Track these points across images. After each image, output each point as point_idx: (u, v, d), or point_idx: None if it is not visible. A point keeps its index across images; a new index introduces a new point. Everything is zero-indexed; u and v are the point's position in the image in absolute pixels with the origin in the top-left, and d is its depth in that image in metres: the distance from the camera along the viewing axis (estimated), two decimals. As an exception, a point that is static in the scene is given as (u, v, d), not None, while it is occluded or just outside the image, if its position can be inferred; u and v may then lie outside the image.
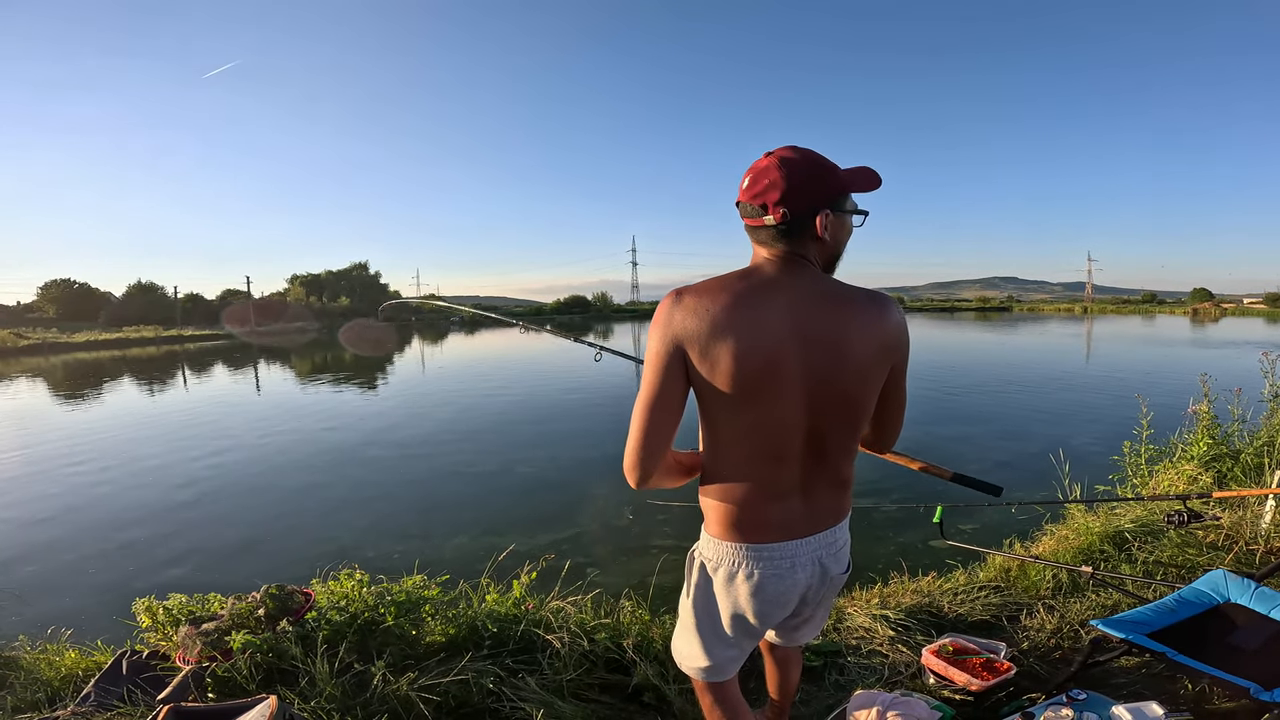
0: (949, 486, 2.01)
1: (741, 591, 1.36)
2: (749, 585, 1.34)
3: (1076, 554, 3.43)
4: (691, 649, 1.49)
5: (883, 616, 2.80)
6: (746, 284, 1.23)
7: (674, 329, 1.20)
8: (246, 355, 32.52)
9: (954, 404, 12.23)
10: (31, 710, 2.10)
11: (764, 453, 1.28)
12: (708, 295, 1.21)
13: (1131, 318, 61.02)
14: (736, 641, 1.46)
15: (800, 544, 1.35)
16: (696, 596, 1.45)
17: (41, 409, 15.05)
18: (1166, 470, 4.39)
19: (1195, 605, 2.40)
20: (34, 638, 2.68)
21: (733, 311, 1.19)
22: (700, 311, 1.19)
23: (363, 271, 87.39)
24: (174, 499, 7.28)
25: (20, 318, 67.31)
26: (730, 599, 1.39)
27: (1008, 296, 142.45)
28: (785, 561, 1.34)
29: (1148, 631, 2.25)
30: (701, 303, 1.20)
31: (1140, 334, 35.35)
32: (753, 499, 1.31)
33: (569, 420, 11.56)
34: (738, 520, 1.33)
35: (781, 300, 1.22)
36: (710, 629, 1.45)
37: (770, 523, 1.33)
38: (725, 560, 1.36)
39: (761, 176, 1.25)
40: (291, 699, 2.02)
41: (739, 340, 1.18)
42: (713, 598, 1.41)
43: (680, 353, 1.20)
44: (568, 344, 2.67)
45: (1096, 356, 22.56)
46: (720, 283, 1.23)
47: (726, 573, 1.36)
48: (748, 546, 1.33)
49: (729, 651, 1.48)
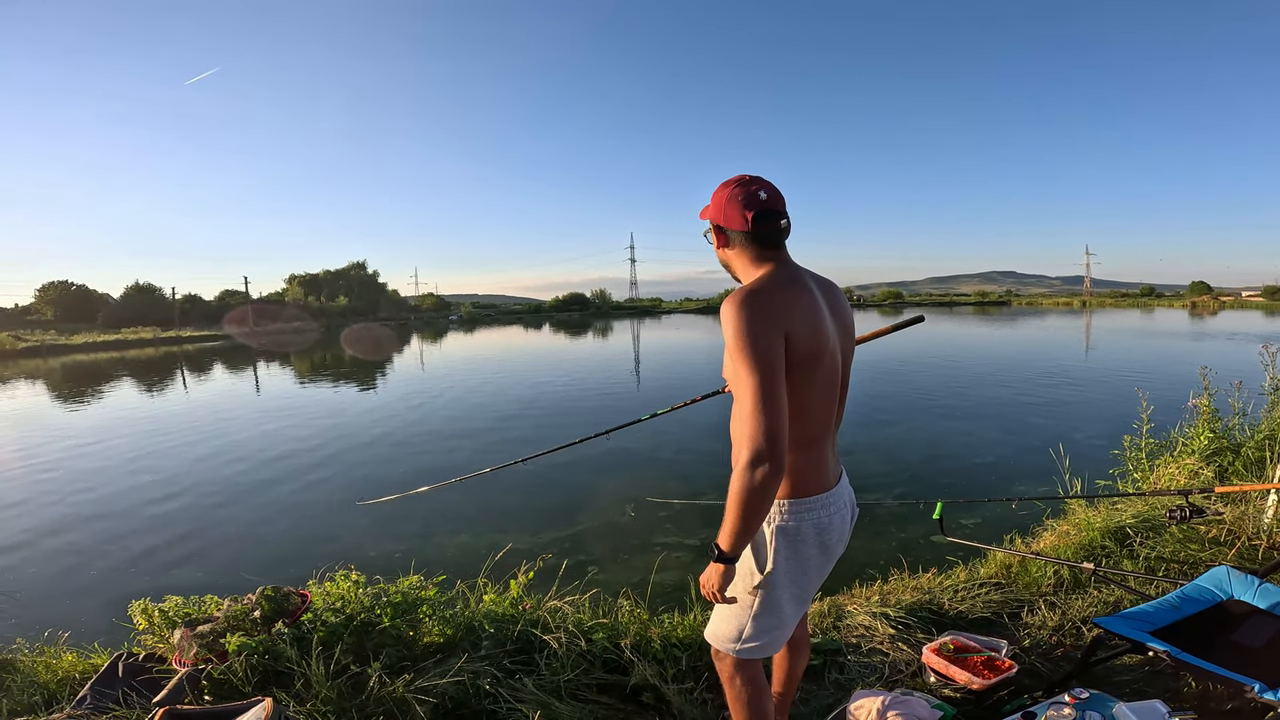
0: (951, 483, 2.01)
1: (827, 538, 1.55)
2: (828, 532, 1.55)
3: (1078, 550, 3.42)
4: (765, 625, 1.57)
5: (883, 614, 2.78)
6: (797, 276, 1.50)
7: (778, 319, 1.38)
8: (245, 356, 32.49)
9: (952, 399, 12.21)
10: (28, 714, 2.07)
11: (826, 411, 1.52)
12: (785, 289, 1.43)
13: (1130, 311, 61.02)
14: (806, 600, 1.64)
15: (840, 488, 1.61)
16: (783, 567, 1.53)
17: (40, 411, 15.02)
18: (1167, 464, 4.36)
19: (1198, 602, 2.39)
20: (32, 640, 2.66)
21: (805, 298, 1.44)
22: (789, 303, 1.41)
23: (361, 271, 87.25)
24: (173, 500, 7.27)
25: (19, 320, 67.21)
26: (817, 549, 1.55)
27: (1006, 291, 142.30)
28: (840, 504, 1.59)
29: (1150, 629, 2.24)
30: (786, 296, 1.42)
31: (1139, 327, 35.33)
32: (823, 452, 1.55)
33: (573, 415, 11.54)
34: (816, 473, 1.53)
35: (814, 286, 1.52)
36: (795, 596, 1.58)
37: (829, 472, 1.57)
38: (809, 514, 1.52)
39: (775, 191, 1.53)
40: (287, 701, 2.00)
41: (812, 320, 1.43)
42: (802, 558, 1.54)
43: (783, 339, 1.37)
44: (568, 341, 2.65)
45: (1096, 350, 22.54)
46: (782, 277, 1.47)
47: (814, 525, 1.52)
48: (823, 496, 1.54)
49: (799, 615, 1.63)
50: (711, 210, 1.58)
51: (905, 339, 25.94)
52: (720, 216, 1.55)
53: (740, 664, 1.63)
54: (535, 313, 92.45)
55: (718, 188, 1.55)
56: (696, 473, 7.48)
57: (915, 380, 14.74)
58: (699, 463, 7.83)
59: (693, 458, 8.13)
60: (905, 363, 18.00)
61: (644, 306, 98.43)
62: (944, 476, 7.05)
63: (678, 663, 2.40)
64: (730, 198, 1.52)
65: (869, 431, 9.28)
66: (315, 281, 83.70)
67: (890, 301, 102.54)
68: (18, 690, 2.22)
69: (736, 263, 1.57)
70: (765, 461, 1.30)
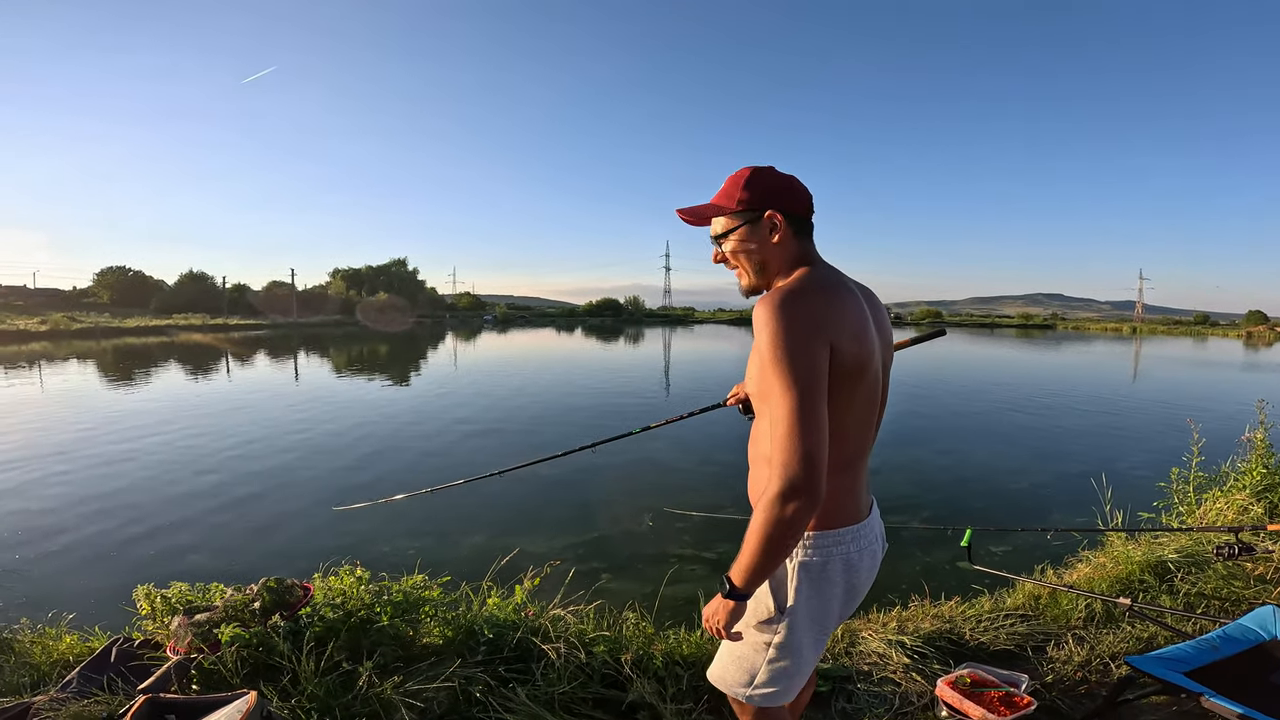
0: (983, 507, 1.88)
1: (855, 577, 1.36)
2: (857, 571, 1.35)
3: (1114, 583, 3.25)
4: (781, 670, 1.36)
5: (898, 642, 2.65)
6: (841, 279, 1.33)
7: (823, 327, 1.20)
8: (287, 345, 33.26)
9: (989, 421, 11.86)
10: (13, 694, 2.07)
11: (863, 433, 1.34)
12: (830, 292, 1.26)
13: (1182, 339, 58.91)
14: (825, 641, 1.43)
15: (872, 520, 1.41)
16: (804, 607, 1.33)
17: (87, 390, 15.50)
18: (1215, 499, 4.14)
19: (1239, 642, 2.23)
20: (37, 620, 2.68)
21: (852, 304, 1.27)
22: (836, 308, 1.23)
23: (401, 268, 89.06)
24: (200, 484, 7.39)
25: (76, 302, 70.03)
26: (843, 588, 1.35)
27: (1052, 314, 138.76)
28: (870, 537, 1.39)
29: (1185, 670, 2.08)
30: (832, 300, 1.24)
31: (1191, 356, 34.04)
32: (857, 479, 1.36)
33: (600, 420, 11.49)
34: (848, 503, 1.34)
35: (854, 287, 1.34)
36: (816, 639, 1.38)
37: (861, 501, 1.38)
38: (838, 549, 1.32)
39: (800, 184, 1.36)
40: (273, 695, 1.96)
41: (859, 329, 1.25)
42: (825, 598, 1.34)
43: (828, 350, 1.19)
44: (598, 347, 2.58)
45: (1144, 378, 21.76)
46: (825, 279, 1.29)
47: (842, 561, 1.33)
48: (854, 528, 1.34)
49: (818, 658, 1.42)
50: (755, 194, 1.32)
51: (943, 358, 25.39)
52: (773, 198, 1.32)
53: (761, 714, 1.44)
54: (568, 316, 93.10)
55: (742, 175, 1.35)
56: (718, 485, 7.35)
57: (951, 401, 14.37)
58: (722, 474, 7.70)
59: (716, 469, 8.00)
60: (941, 382, 17.58)
61: (676, 315, 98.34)
62: (976, 501, 6.82)
63: (679, 681, 2.30)
64: (783, 180, 1.33)
65: (899, 451, 9.03)
66: (357, 276, 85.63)
67: (929, 321, 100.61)
68: (9, 670, 2.23)
69: (773, 257, 1.34)
70: (801, 494, 1.11)
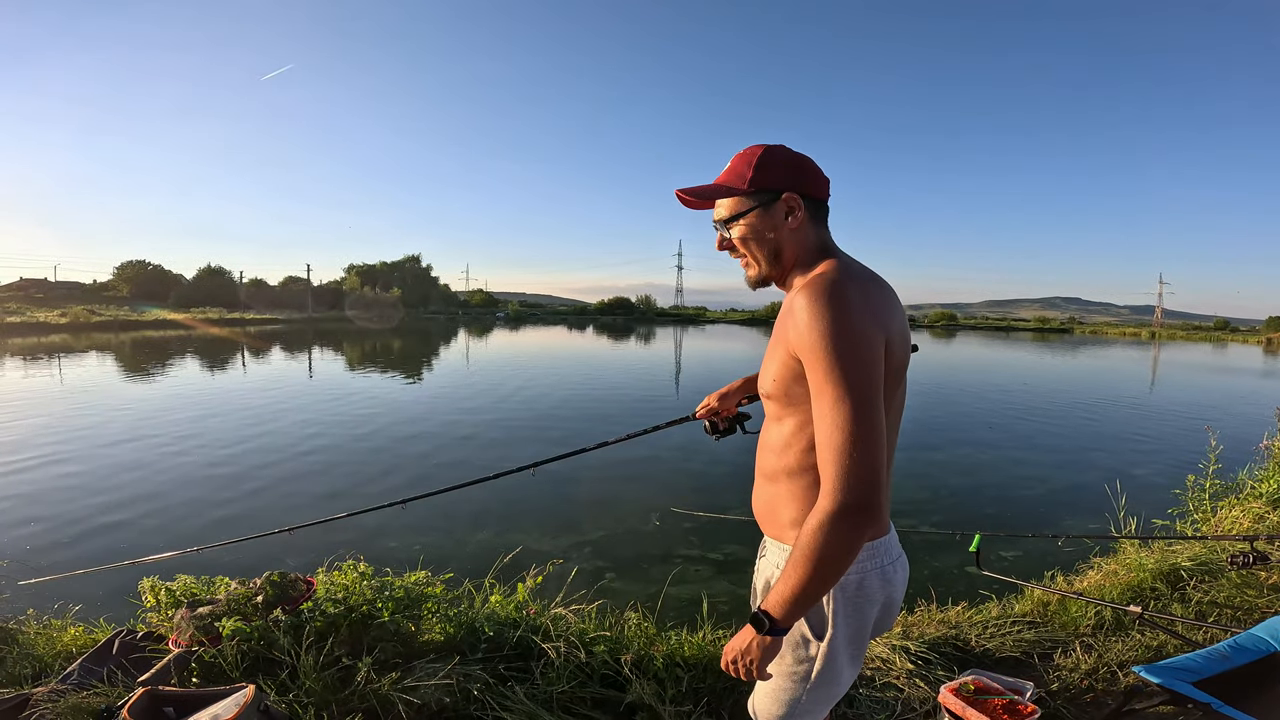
0: (994, 512, 1.84)
1: (893, 590, 1.24)
2: (893, 584, 1.23)
3: (1125, 591, 3.21)
4: (822, 697, 1.24)
5: (902, 648, 2.61)
6: (872, 272, 1.19)
7: (878, 318, 1.08)
8: (302, 340, 33.53)
9: (1002, 426, 11.74)
10: (14, 685, 2.09)
11: (894, 437, 1.21)
12: (876, 282, 1.15)
13: (1201, 345, 58.09)
14: (862, 657, 1.30)
15: (894, 531, 1.28)
16: (843, 631, 1.20)
17: (104, 383, 15.69)
18: (1231, 507, 4.08)
19: (1250, 652, 2.17)
20: (43, 612, 2.70)
21: (891, 294, 1.16)
22: (886, 298, 1.14)
23: (415, 264, 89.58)
24: (215, 475, 7.45)
25: (96, 295, 70.93)
26: (881, 602, 1.23)
27: (1069, 318, 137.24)
28: (899, 549, 1.28)
29: (1194, 679, 2.04)
30: (880, 290, 1.13)
31: (1210, 362, 33.56)
32: (889, 486, 1.16)
33: (611, 419, 11.49)
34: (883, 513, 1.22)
35: None
36: (853, 658, 1.24)
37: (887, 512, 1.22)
38: (872, 563, 1.20)
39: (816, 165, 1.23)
40: (271, 689, 1.96)
41: (903, 323, 1.16)
42: (864, 618, 1.22)
43: (884, 347, 1.08)
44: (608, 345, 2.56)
45: (1162, 384, 21.47)
46: (862, 269, 1.18)
47: (879, 576, 1.20)
48: (884, 540, 1.22)
49: (854, 675, 1.29)
50: (770, 174, 1.17)
51: (959, 362, 25.17)
52: (790, 179, 1.18)
53: None
54: (580, 314, 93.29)
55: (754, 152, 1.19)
56: (726, 485, 7.31)
57: (964, 405, 14.24)
58: (730, 475, 7.66)
59: (725, 469, 7.96)
60: (955, 387, 17.44)
61: (688, 315, 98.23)
62: (987, 505, 6.76)
63: (679, 683, 2.29)
64: (800, 159, 1.19)
65: (909, 454, 8.95)
66: (372, 272, 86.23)
67: (944, 324, 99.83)
68: (12, 662, 2.24)
69: (789, 244, 1.20)
70: (862, 513, 0.99)
